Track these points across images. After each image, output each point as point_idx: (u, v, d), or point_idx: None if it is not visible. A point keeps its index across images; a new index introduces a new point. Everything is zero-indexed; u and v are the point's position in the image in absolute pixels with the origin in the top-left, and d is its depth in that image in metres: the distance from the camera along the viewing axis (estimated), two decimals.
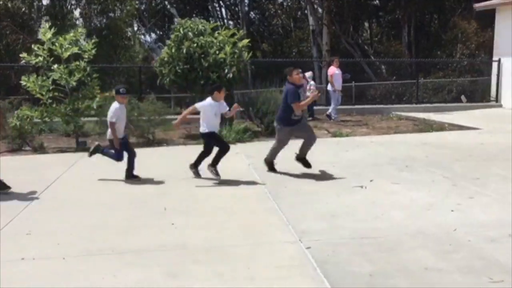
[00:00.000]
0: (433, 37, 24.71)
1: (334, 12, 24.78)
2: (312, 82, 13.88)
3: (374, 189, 6.28)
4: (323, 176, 6.99)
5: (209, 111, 6.76)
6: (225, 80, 10.88)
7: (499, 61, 15.32)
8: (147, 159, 8.59)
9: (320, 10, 26.03)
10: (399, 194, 6.05)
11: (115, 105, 6.88)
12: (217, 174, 6.77)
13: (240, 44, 11.11)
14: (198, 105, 6.85)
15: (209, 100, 6.81)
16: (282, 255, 4.22)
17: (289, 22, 31.69)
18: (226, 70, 10.78)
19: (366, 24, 29.58)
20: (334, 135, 11.09)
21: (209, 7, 30.60)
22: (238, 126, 10.62)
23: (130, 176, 6.94)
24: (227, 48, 10.83)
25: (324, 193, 6.11)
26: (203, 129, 6.82)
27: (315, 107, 14.12)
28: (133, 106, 10.11)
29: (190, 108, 6.96)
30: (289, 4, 31.64)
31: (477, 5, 16.50)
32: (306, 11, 27.09)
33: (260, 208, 5.61)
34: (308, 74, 13.78)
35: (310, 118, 13.36)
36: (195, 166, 7.01)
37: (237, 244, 4.47)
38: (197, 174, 6.99)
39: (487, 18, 18.08)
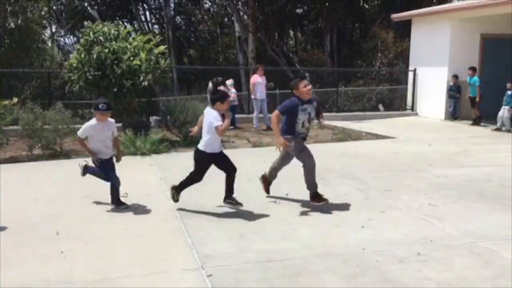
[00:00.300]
0: (354, 46, 25.31)
1: (259, 19, 24.79)
2: (233, 90, 13.62)
3: (287, 205, 6.07)
4: (237, 190, 6.67)
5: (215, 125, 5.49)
6: (141, 88, 10.39)
7: (414, 70, 15.84)
8: (50, 174, 7.96)
9: (246, 17, 25.97)
10: (311, 209, 5.87)
11: (90, 122, 5.92)
12: (236, 203, 5.72)
13: (156, 51, 10.64)
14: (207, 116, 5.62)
15: (215, 112, 5.54)
16: (179, 286, 3.85)
17: (215, 28, 31.43)
18: (142, 78, 10.27)
19: (292, 32, 29.90)
20: (255, 145, 10.88)
21: (133, 10, 29.64)
22: (154, 136, 10.12)
23: (116, 202, 5.93)
24: (142, 55, 10.32)
25: (236, 210, 5.81)
26: (201, 145, 5.64)
27: (237, 116, 13.89)
28: (37, 115, 9.34)
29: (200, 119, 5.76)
30: (216, 10, 31.37)
31: (394, 16, 17.02)
32: (232, 18, 26.94)
33: (165, 229, 5.22)
34: (229, 82, 13.54)
35: (232, 127, 13.10)
36: (178, 188, 5.84)
37: (131, 274, 4.05)
38: (176, 199, 5.87)
39: (405, 29, 18.72)
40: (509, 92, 12.14)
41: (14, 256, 4.42)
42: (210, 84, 12.86)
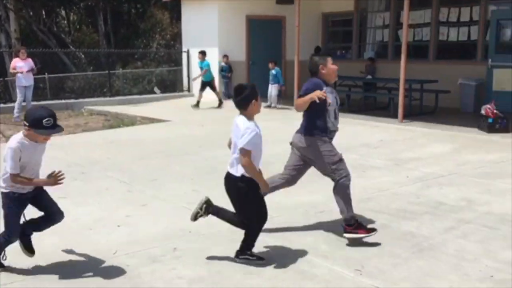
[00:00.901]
0: (132, 26, 24.43)
1: None
2: None
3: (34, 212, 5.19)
4: None
5: (259, 144, 3.71)
6: None
7: (188, 51, 15.82)
8: None
9: None
10: (66, 211, 5.12)
11: (15, 140, 3.55)
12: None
13: None
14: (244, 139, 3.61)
15: (244, 119, 3.69)
16: None
17: None
18: None
19: (64, 12, 27.45)
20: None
21: None
22: None
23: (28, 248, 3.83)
24: None
25: None
26: (235, 170, 3.75)
27: None
28: None
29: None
30: None
31: None
32: None
33: None
34: None
35: None
36: (245, 251, 3.94)
37: None
38: (260, 258, 3.92)
39: (180, 10, 18.60)
40: (273, 72, 12.85)
41: None
42: None
